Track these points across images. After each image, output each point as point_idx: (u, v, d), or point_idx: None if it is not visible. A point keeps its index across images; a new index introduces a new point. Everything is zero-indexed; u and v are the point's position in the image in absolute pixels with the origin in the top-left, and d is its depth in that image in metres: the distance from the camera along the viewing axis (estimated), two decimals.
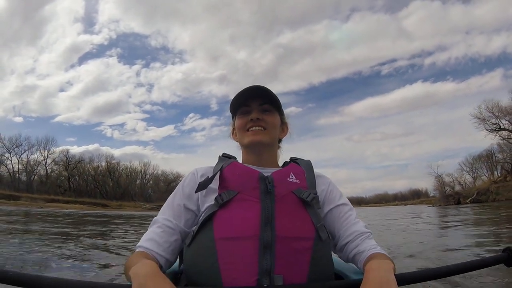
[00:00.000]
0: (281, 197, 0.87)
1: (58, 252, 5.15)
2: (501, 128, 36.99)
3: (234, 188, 0.88)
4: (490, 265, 0.80)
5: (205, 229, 0.84)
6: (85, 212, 30.38)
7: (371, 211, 38.25)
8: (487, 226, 9.25)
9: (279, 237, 0.81)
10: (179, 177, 60.62)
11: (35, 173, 53.99)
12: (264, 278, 0.77)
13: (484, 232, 7.75)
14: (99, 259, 4.66)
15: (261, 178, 0.89)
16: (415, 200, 55.88)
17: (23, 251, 5.04)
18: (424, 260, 4.38)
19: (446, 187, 45.63)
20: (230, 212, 0.84)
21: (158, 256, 0.86)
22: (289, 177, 0.93)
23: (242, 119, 1.01)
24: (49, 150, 54.08)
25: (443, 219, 14.20)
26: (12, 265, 4.00)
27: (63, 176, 56.15)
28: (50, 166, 54.72)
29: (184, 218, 0.91)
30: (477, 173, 47.21)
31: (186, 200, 0.93)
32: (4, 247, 5.50)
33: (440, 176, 46.53)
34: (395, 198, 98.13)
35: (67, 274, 3.59)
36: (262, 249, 0.79)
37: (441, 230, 9.76)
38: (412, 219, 15.74)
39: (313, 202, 0.88)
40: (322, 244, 0.85)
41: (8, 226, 10.25)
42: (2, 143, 50.11)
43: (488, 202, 31.14)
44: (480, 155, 44.37)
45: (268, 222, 0.82)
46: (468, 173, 47.89)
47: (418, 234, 8.17)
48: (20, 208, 30.75)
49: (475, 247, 5.35)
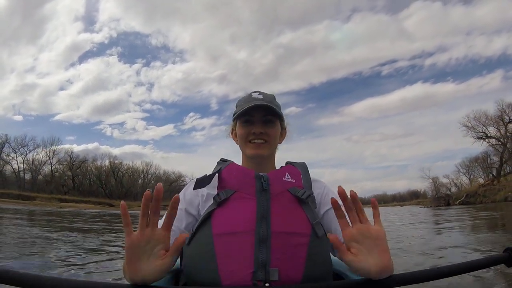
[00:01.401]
0: (276, 195, 0.90)
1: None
2: (487, 136, 39.71)
3: (232, 187, 0.92)
4: (490, 265, 0.80)
5: (203, 227, 0.87)
6: (98, 212, 31.38)
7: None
8: (456, 222, 11.44)
9: (274, 232, 0.83)
10: (181, 177, 61.94)
11: (40, 172, 54.98)
12: (260, 271, 0.79)
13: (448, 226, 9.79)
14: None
15: (257, 177, 0.93)
16: (413, 201, 57.09)
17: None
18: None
19: (442, 188, 47.10)
20: (228, 209, 0.88)
21: None
22: (285, 176, 0.96)
23: (245, 128, 1.04)
24: (54, 150, 54.94)
25: (414, 218, 15.87)
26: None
27: (67, 175, 56.94)
28: (54, 166, 55.63)
29: (185, 221, 0.95)
30: (473, 175, 48.13)
31: (188, 205, 0.97)
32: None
33: (436, 178, 48.23)
34: (394, 199, 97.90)
35: (70, 274, 3.67)
36: (258, 243, 0.81)
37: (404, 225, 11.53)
38: (391, 219, 16.65)
39: (308, 199, 0.91)
40: (318, 240, 0.86)
41: (71, 225, 11.67)
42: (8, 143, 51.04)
43: (475, 204, 33.06)
44: (477, 158, 45.28)
45: (264, 218, 0.85)
46: (464, 175, 49.05)
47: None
48: (43, 208, 31.66)
49: (429, 241, 6.57)
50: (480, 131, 40.10)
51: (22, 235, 7.35)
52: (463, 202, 36.72)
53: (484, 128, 39.87)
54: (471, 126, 40.25)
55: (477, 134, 40.12)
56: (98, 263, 4.48)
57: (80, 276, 3.67)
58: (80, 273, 3.85)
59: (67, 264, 4.31)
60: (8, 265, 4.01)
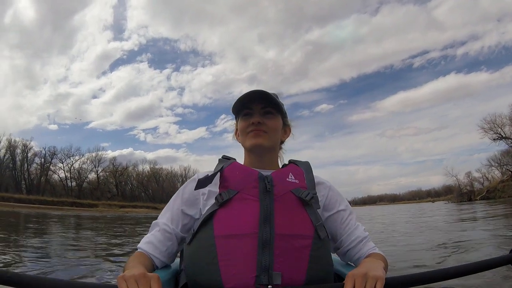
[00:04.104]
0: (280, 196, 0.89)
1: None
2: (503, 137, 42.10)
3: (234, 187, 0.90)
4: (498, 265, 0.78)
5: (205, 228, 0.86)
6: (152, 215, 34.23)
7: (379, 210, 40.67)
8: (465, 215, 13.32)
9: (277, 235, 0.82)
10: None
11: (85, 180, 60.03)
12: (263, 275, 0.78)
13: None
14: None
15: (260, 178, 0.91)
16: (447, 196, 57.45)
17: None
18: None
19: (474, 182, 47.94)
20: (230, 211, 0.86)
21: (154, 258, 0.91)
22: (288, 177, 0.95)
23: (244, 121, 1.02)
24: (100, 159, 59.41)
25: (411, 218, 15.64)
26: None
27: (111, 182, 61.41)
28: (100, 173, 60.34)
29: (181, 223, 0.95)
30: (506, 167, 45.46)
31: (185, 205, 0.96)
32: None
33: (469, 173, 49.28)
34: (428, 195, 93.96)
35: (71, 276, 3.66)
36: (261, 246, 0.80)
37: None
38: (405, 215, 17.76)
39: (311, 201, 0.89)
40: (321, 242, 0.86)
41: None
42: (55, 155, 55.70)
43: (495, 199, 34.72)
44: (508, 151, 43.71)
45: (267, 220, 0.83)
46: (496, 169, 47.35)
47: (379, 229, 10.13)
48: (111, 214, 34.33)
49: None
50: (496, 132, 42.51)
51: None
52: (483, 197, 38.25)
53: (499, 129, 41.93)
54: (489, 128, 42.39)
55: (493, 136, 42.62)
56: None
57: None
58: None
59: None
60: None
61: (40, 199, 44.19)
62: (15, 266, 4.17)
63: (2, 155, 50.36)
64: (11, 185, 49.39)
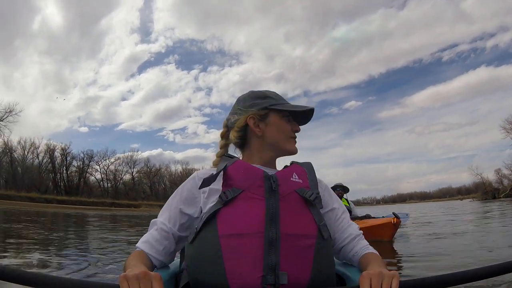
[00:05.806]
0: (285, 196, 0.88)
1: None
2: None
3: (239, 186, 0.88)
4: (508, 271, 0.74)
5: (208, 226, 0.84)
6: None
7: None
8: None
9: (283, 234, 0.81)
10: None
11: (120, 181, 60.76)
12: (269, 275, 0.77)
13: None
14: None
15: (266, 177, 0.90)
16: (477, 194, 54.51)
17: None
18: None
19: (504, 179, 46.24)
20: (235, 210, 0.84)
21: (152, 258, 0.90)
22: (292, 176, 0.94)
23: (291, 125, 1.03)
24: (135, 161, 60.28)
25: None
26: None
27: (144, 183, 62.11)
28: (135, 175, 61.11)
29: (179, 222, 0.93)
30: None
31: (183, 205, 0.94)
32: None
33: (498, 170, 47.89)
34: (459, 192, 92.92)
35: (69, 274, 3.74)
36: (267, 245, 0.79)
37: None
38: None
39: (315, 201, 0.90)
40: (324, 242, 0.86)
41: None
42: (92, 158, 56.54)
43: None
44: None
45: (273, 219, 0.83)
46: None
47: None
48: (152, 214, 34.27)
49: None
50: None
51: None
52: (507, 195, 38.60)
53: None
54: (510, 129, 42.69)
55: None
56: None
57: None
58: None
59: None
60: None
61: (81, 200, 44.91)
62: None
63: (41, 158, 51.94)
64: (50, 187, 50.45)
